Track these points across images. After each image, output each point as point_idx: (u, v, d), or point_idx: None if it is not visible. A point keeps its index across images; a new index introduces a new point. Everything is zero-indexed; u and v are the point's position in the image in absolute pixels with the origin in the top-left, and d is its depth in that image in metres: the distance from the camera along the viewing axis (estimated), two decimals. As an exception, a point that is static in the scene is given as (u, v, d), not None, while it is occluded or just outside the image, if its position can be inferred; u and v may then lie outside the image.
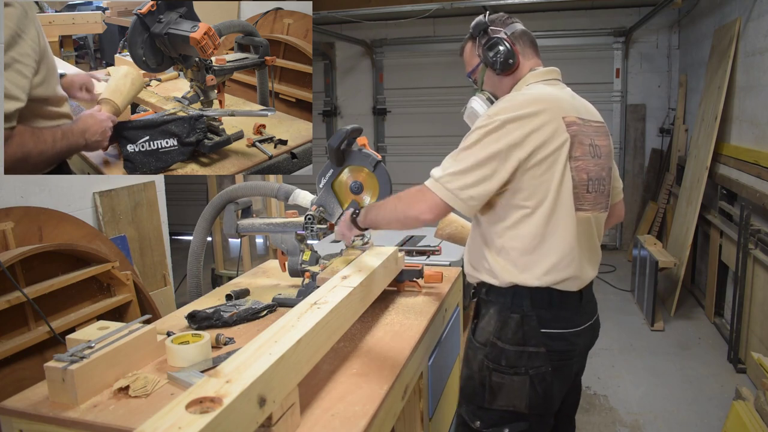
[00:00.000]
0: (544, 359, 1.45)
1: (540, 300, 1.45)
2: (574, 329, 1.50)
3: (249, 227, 2.05)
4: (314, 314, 1.29)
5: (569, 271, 1.45)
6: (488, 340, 1.49)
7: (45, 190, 2.72)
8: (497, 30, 1.58)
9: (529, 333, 1.45)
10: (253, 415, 1.00)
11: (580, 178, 1.44)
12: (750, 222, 3.40)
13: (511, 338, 1.46)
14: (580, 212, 1.46)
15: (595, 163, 1.50)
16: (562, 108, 1.44)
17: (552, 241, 1.43)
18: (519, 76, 1.59)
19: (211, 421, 0.87)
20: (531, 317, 1.45)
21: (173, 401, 0.92)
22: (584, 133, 1.47)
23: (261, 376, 1.02)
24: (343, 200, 1.87)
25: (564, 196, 1.42)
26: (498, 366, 1.47)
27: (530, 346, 1.45)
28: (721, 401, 3.08)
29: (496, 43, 1.56)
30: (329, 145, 1.76)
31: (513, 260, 1.46)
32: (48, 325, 2.20)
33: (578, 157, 1.44)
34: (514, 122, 1.37)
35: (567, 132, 1.41)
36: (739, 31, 3.95)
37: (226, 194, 2.06)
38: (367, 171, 1.82)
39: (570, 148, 1.41)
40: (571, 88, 1.63)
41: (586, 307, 1.55)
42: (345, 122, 7.17)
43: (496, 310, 1.50)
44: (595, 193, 1.50)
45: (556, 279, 1.44)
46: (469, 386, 1.55)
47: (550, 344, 1.46)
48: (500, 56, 1.55)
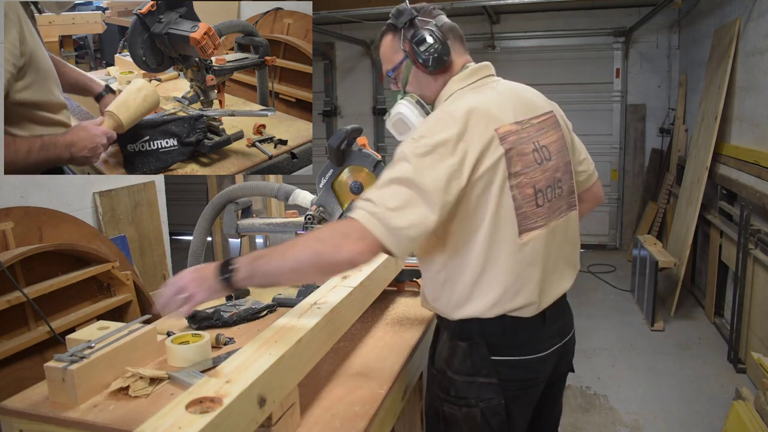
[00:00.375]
0: (495, 391, 1.30)
1: (491, 327, 1.30)
2: (536, 355, 1.33)
3: (249, 227, 2.05)
4: (314, 314, 1.29)
5: (519, 300, 1.28)
6: (441, 368, 1.36)
7: (45, 190, 2.71)
8: (425, 21, 1.38)
9: (478, 362, 1.30)
10: (253, 415, 1.00)
11: (524, 195, 1.27)
12: (750, 222, 3.40)
13: (459, 367, 1.32)
14: (532, 232, 1.28)
15: (543, 169, 1.32)
16: (494, 118, 1.26)
17: (493, 271, 1.26)
18: (450, 75, 1.40)
19: (211, 421, 0.88)
20: (479, 345, 1.30)
21: (173, 401, 0.92)
22: (524, 139, 1.30)
23: (261, 376, 1.02)
24: (343, 200, 1.87)
25: (504, 221, 1.25)
26: (448, 396, 1.34)
27: (480, 377, 1.30)
28: (721, 401, 3.07)
29: (425, 37, 1.34)
30: (329, 145, 1.75)
31: (457, 294, 1.30)
32: (48, 325, 2.20)
33: (519, 173, 1.27)
34: (445, 146, 1.19)
35: (501, 147, 1.24)
36: (739, 31, 3.95)
37: (226, 194, 2.06)
38: (367, 171, 1.82)
39: (507, 165, 1.24)
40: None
41: (550, 329, 1.37)
42: (345, 122, 7.17)
43: (447, 337, 1.37)
44: (548, 203, 1.33)
45: (504, 309, 1.28)
46: (429, 416, 1.45)
47: (504, 373, 1.30)
48: (433, 52, 1.34)
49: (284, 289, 2.04)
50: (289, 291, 1.97)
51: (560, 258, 1.38)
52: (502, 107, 1.31)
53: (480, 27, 6.32)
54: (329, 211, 1.86)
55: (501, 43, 6.40)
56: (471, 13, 6.15)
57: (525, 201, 1.28)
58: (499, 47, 6.39)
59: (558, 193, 1.37)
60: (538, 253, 1.30)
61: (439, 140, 1.20)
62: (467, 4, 5.25)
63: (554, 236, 1.35)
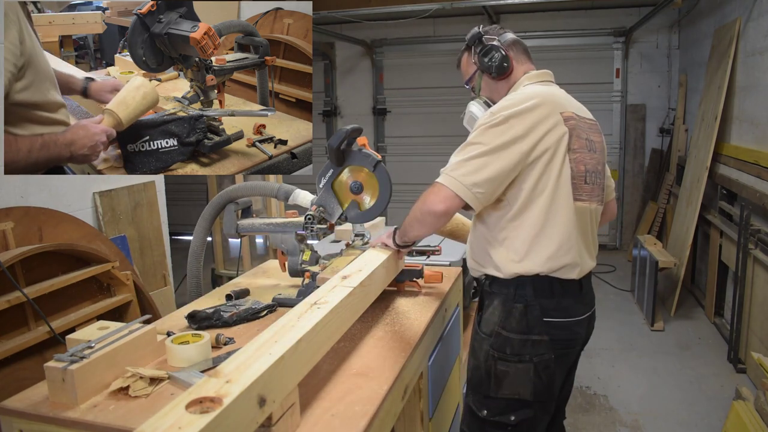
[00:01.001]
0: (547, 347, 1.51)
1: (542, 289, 1.52)
2: (575, 318, 1.57)
3: (249, 227, 2.05)
4: (314, 314, 1.28)
5: (569, 257, 1.51)
6: (493, 330, 1.56)
7: (45, 190, 2.71)
8: (491, 38, 1.69)
9: (532, 322, 1.51)
10: (254, 415, 1.00)
11: (578, 169, 1.52)
12: (750, 222, 3.40)
13: (516, 327, 1.52)
14: (579, 202, 1.53)
15: (591, 156, 1.58)
16: (559, 104, 1.53)
17: (552, 229, 1.50)
18: (514, 79, 1.69)
19: (211, 421, 0.87)
20: (534, 307, 1.51)
21: (173, 401, 0.92)
22: (580, 127, 1.56)
23: (261, 376, 1.01)
24: (343, 200, 1.87)
25: (563, 186, 1.49)
26: (503, 354, 1.53)
27: (534, 335, 1.51)
28: (721, 401, 3.08)
29: (491, 49, 1.67)
30: (329, 145, 1.76)
31: (515, 250, 1.52)
32: (48, 325, 2.20)
33: (576, 150, 1.52)
34: (516, 117, 1.45)
35: (565, 125, 1.49)
36: (739, 31, 3.95)
37: (226, 194, 2.06)
38: (367, 171, 1.82)
39: (569, 140, 1.49)
40: (571, 88, 1.68)
41: (585, 297, 1.61)
42: (345, 122, 7.17)
43: (500, 301, 1.56)
44: (592, 185, 1.58)
45: (556, 265, 1.51)
46: (476, 376, 1.61)
47: (552, 333, 1.52)
48: (495, 61, 1.66)
49: (284, 289, 2.04)
50: (289, 291, 1.97)
51: (590, 238, 1.61)
52: (565, 99, 1.61)
53: (480, 27, 6.32)
54: (329, 211, 1.86)
55: (501, 43, 6.39)
56: (471, 13, 6.15)
57: (578, 174, 1.53)
58: (499, 47, 6.38)
59: (598, 182, 1.62)
60: (583, 222, 1.56)
61: (512, 113, 1.45)
62: (467, 4, 5.26)
63: (589, 216, 1.59)
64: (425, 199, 1.51)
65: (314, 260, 1.96)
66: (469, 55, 1.75)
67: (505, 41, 1.69)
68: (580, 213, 1.54)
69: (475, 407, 1.60)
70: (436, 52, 6.62)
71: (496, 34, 1.71)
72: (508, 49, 1.68)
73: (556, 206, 1.49)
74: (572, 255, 1.52)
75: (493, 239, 1.57)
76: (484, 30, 1.72)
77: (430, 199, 1.49)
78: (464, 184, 1.44)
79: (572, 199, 1.51)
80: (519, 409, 1.54)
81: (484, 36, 1.70)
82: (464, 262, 2.57)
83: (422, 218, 1.54)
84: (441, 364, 1.92)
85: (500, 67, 1.66)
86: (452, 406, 2.15)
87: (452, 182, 1.46)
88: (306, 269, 1.93)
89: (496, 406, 1.56)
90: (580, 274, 1.56)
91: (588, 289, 1.64)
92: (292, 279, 2.07)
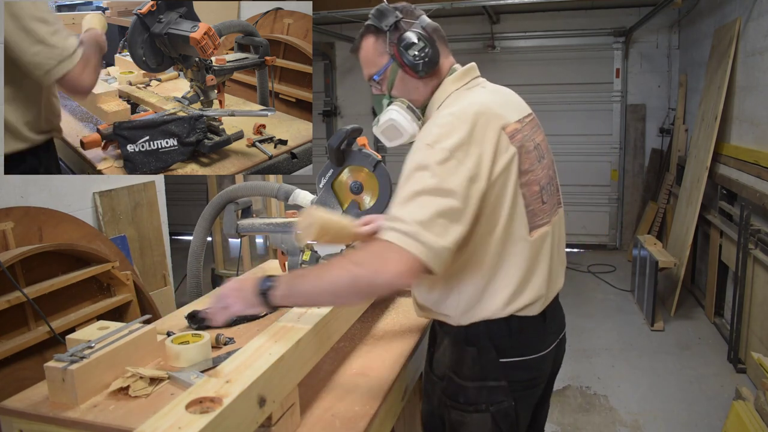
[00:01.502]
0: (505, 393, 1.29)
1: (497, 329, 1.28)
2: (539, 354, 1.33)
3: (249, 227, 2.05)
4: (313, 315, 1.29)
5: (530, 295, 1.28)
6: (445, 374, 1.34)
7: (45, 190, 2.71)
8: (409, 23, 1.33)
9: (487, 366, 1.28)
10: (254, 415, 1.00)
11: (532, 192, 1.27)
12: (750, 222, 3.40)
13: (468, 374, 1.30)
14: (538, 230, 1.29)
15: (542, 167, 1.32)
16: (499, 117, 1.23)
17: (507, 270, 1.25)
18: (439, 78, 1.37)
19: (211, 421, 0.88)
20: (488, 349, 1.28)
21: (173, 401, 0.92)
22: (527, 137, 1.28)
23: (261, 376, 1.02)
24: (343, 200, 1.87)
25: (517, 220, 1.24)
26: (456, 404, 1.32)
27: (490, 380, 1.29)
28: (721, 401, 3.08)
29: (417, 38, 1.29)
30: (329, 145, 1.75)
31: (467, 298, 1.28)
32: (48, 325, 2.20)
33: (527, 170, 1.26)
34: (459, 149, 1.15)
35: (512, 146, 1.22)
36: (739, 31, 3.95)
37: (226, 194, 2.06)
38: (367, 171, 1.82)
39: (519, 163, 1.23)
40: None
41: (551, 325, 1.37)
42: (345, 122, 7.17)
43: (450, 342, 1.34)
44: (549, 198, 1.34)
45: (515, 307, 1.27)
46: (431, 423, 1.44)
47: (511, 375, 1.30)
48: (424, 56, 1.30)
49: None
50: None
51: (558, 255, 1.39)
52: (503, 106, 1.29)
53: (480, 27, 6.32)
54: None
55: (501, 43, 6.40)
56: (471, 13, 6.15)
57: (533, 199, 1.27)
58: (499, 47, 6.39)
59: (554, 191, 1.38)
60: (545, 248, 1.30)
61: (454, 144, 1.15)
62: (467, 4, 5.25)
63: (554, 234, 1.35)
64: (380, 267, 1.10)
65: (314, 260, 1.96)
66: (378, 41, 1.35)
67: (428, 27, 1.33)
68: (540, 241, 1.29)
69: None
70: (436, 52, 6.61)
71: (413, 17, 1.35)
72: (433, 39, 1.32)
73: (510, 244, 1.24)
74: (534, 291, 1.28)
75: (441, 286, 1.30)
76: (396, 7, 1.35)
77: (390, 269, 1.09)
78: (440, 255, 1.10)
79: (528, 232, 1.25)
80: None
81: (404, 19, 1.33)
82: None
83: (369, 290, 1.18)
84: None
85: (429, 63, 1.30)
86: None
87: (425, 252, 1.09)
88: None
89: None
90: (544, 305, 1.32)
91: (554, 316, 1.38)
92: (292, 279, 2.07)
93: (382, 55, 1.35)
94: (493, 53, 6.32)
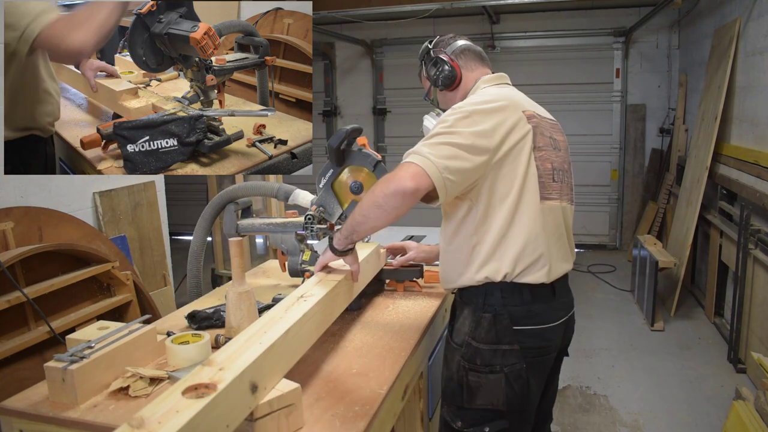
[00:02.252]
0: (517, 356, 1.46)
1: (511, 297, 1.47)
2: (549, 325, 1.52)
3: (249, 227, 2.05)
4: (300, 306, 1.35)
5: (534, 255, 1.46)
6: (464, 341, 1.51)
7: (45, 190, 2.71)
8: (439, 51, 1.69)
9: (501, 331, 1.47)
10: (246, 400, 1.05)
11: (544, 167, 1.49)
12: (750, 222, 3.40)
13: (485, 337, 1.47)
14: (548, 201, 1.49)
15: (557, 154, 1.55)
16: (520, 104, 1.52)
17: (517, 229, 1.45)
18: (465, 88, 1.67)
19: (207, 405, 0.91)
20: (503, 315, 1.47)
21: (170, 388, 0.96)
22: (543, 126, 1.54)
23: (252, 364, 1.07)
24: (343, 200, 1.87)
25: (529, 185, 1.46)
26: (474, 365, 1.48)
27: (504, 344, 1.46)
28: (721, 401, 3.08)
29: (437, 62, 1.67)
30: (329, 145, 1.75)
31: (482, 254, 1.47)
32: (48, 325, 2.20)
33: (541, 147, 1.49)
34: (479, 114, 1.42)
35: (528, 123, 1.47)
36: (739, 31, 3.95)
37: (226, 194, 2.06)
38: (367, 171, 1.82)
39: (533, 138, 1.47)
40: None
41: (559, 302, 1.56)
42: (345, 122, 7.17)
43: (470, 311, 1.52)
44: (560, 182, 1.54)
45: (522, 265, 1.46)
46: (449, 387, 1.56)
47: (523, 341, 1.47)
48: (442, 73, 1.65)
49: (284, 289, 2.04)
50: (289, 291, 1.97)
51: (563, 239, 1.56)
52: (525, 99, 1.58)
53: (480, 27, 6.32)
54: (329, 211, 1.86)
55: (501, 43, 6.40)
56: (471, 13, 6.15)
57: (545, 172, 1.49)
58: (499, 47, 6.39)
59: (566, 181, 1.58)
60: (552, 221, 1.51)
61: (475, 109, 1.43)
62: (467, 4, 5.25)
63: (562, 215, 1.55)
64: (389, 179, 1.37)
65: (314, 260, 1.96)
66: (422, 71, 1.76)
67: (453, 51, 1.68)
68: (548, 211, 1.49)
69: (450, 418, 1.56)
70: (436, 52, 6.61)
71: (444, 46, 1.70)
72: (457, 59, 1.67)
73: (522, 206, 1.45)
74: (538, 254, 1.47)
75: (463, 247, 1.51)
76: (434, 42, 1.72)
77: (398, 176, 1.35)
78: (437, 165, 1.34)
79: (539, 198, 1.47)
80: (493, 420, 1.50)
81: (433, 49, 1.70)
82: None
83: (385, 202, 1.37)
84: (441, 364, 1.92)
85: (447, 78, 1.65)
86: (452, 406, 2.15)
87: (423, 161, 1.34)
88: (306, 269, 1.93)
89: (470, 417, 1.51)
90: (551, 276, 1.50)
91: (563, 294, 1.58)
92: (292, 279, 2.07)
93: (425, 81, 1.76)
94: (493, 53, 6.32)
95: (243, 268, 1.60)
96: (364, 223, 1.45)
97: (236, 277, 1.58)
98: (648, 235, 5.03)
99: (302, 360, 1.41)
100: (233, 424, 1.00)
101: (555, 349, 1.57)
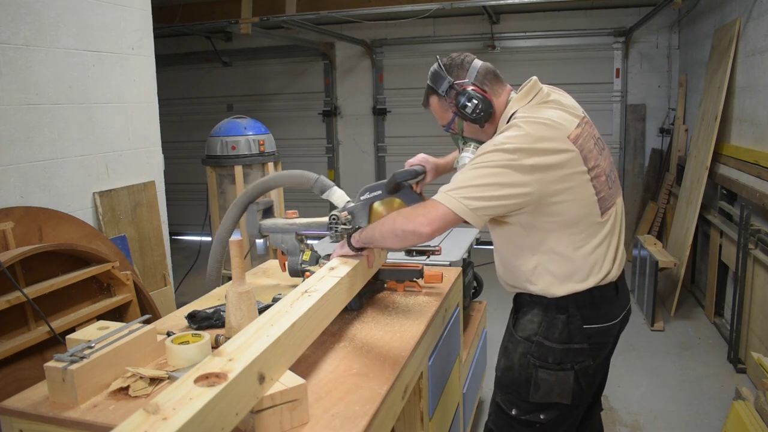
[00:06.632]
0: (587, 354, 1.55)
1: (583, 300, 1.54)
2: (612, 322, 1.60)
3: (272, 227, 2.04)
4: (305, 301, 1.39)
5: (605, 269, 1.54)
6: (531, 338, 1.58)
7: (45, 190, 2.71)
8: (461, 81, 1.57)
9: (573, 331, 1.54)
10: (254, 389, 1.09)
11: (600, 183, 1.50)
12: (750, 222, 3.40)
13: (557, 337, 1.54)
14: (608, 211, 1.54)
15: (604, 158, 1.56)
16: (562, 128, 1.47)
17: (585, 251, 1.51)
18: (498, 115, 1.60)
19: (218, 393, 0.96)
20: (576, 317, 1.54)
21: (182, 377, 1.01)
22: (586, 137, 1.52)
23: (261, 355, 1.11)
24: (373, 221, 1.85)
25: (588, 209, 1.49)
26: (545, 363, 1.55)
27: (575, 343, 1.54)
28: (721, 401, 3.08)
29: (470, 97, 1.55)
30: (395, 175, 1.76)
31: (552, 274, 1.53)
32: (48, 325, 2.20)
33: (594, 166, 1.49)
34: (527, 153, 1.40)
35: (576, 149, 1.45)
36: (739, 31, 3.95)
37: (262, 184, 2.06)
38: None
39: (585, 162, 1.47)
40: (571, 88, 1.65)
41: (621, 298, 1.64)
42: (345, 122, 7.17)
43: (540, 310, 1.58)
44: (613, 185, 1.58)
45: (594, 281, 1.53)
46: (509, 377, 1.62)
47: (592, 338, 1.56)
48: (479, 111, 1.55)
49: (284, 289, 2.04)
50: (289, 291, 1.97)
51: (621, 230, 1.62)
52: (564, 117, 1.51)
53: (480, 27, 6.32)
54: (355, 223, 1.84)
55: (501, 43, 6.40)
56: (471, 13, 6.15)
57: (602, 187, 1.51)
58: (499, 47, 6.39)
59: (614, 176, 1.61)
60: (615, 227, 1.57)
61: (517, 147, 1.40)
62: (467, 4, 5.25)
63: (617, 213, 1.60)
64: (412, 217, 1.46)
65: (314, 260, 1.96)
66: (441, 101, 1.62)
67: (477, 78, 1.57)
68: (609, 220, 1.55)
69: (505, 406, 1.63)
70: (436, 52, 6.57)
71: (462, 70, 1.58)
72: (483, 86, 1.57)
73: (587, 227, 1.50)
74: (608, 266, 1.55)
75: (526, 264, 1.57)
76: (446, 67, 1.60)
77: (417, 219, 1.44)
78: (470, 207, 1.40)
79: (600, 216, 1.51)
80: (549, 409, 1.58)
81: (455, 82, 1.57)
82: (464, 262, 2.57)
83: (403, 235, 1.48)
84: (441, 364, 1.92)
85: (486, 114, 1.56)
86: (452, 406, 2.15)
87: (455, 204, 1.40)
88: (306, 269, 1.93)
89: (528, 406, 1.59)
90: (615, 276, 1.58)
91: (623, 289, 1.66)
92: (292, 279, 2.07)
93: (447, 112, 1.63)
94: (493, 53, 6.32)
95: (243, 268, 1.60)
96: (381, 242, 1.59)
97: (236, 277, 1.58)
98: (648, 235, 5.03)
99: (302, 360, 1.41)
100: (242, 413, 1.04)
101: (614, 342, 1.69)
